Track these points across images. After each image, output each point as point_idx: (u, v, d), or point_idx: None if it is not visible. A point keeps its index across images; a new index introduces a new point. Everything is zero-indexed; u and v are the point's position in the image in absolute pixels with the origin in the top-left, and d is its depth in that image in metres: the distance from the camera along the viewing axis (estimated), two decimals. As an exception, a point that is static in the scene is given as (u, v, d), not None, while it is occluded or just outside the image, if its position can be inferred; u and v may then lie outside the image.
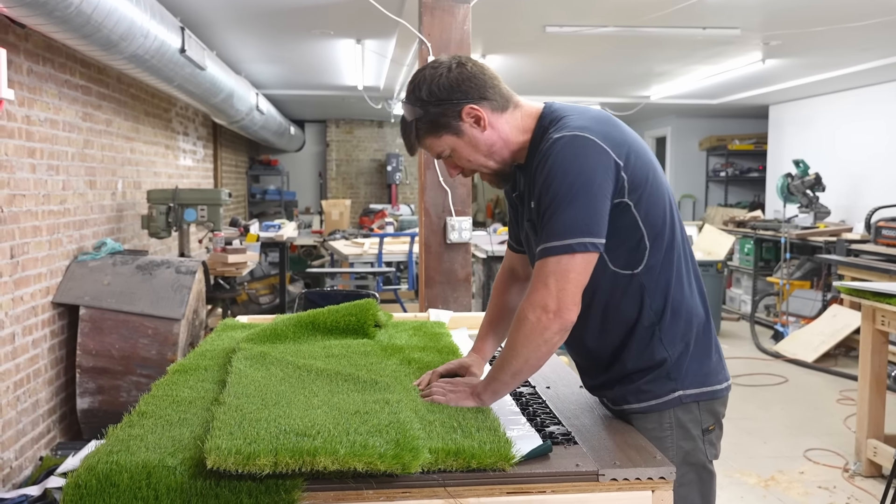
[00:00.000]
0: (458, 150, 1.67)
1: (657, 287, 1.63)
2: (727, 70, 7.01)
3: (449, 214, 3.52)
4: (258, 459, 1.25)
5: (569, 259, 1.51)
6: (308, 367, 1.84)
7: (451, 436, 1.43)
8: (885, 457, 3.73)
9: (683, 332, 1.65)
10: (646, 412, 1.65)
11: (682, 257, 1.68)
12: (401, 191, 12.77)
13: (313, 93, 8.87)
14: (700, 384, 1.67)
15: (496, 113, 1.65)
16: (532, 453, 1.41)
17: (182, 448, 1.38)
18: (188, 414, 1.59)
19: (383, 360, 1.98)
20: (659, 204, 1.62)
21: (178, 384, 1.80)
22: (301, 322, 2.24)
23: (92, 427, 4.01)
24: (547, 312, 1.51)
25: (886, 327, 3.70)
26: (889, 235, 6.14)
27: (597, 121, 1.60)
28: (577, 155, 1.52)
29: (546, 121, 1.65)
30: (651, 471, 1.40)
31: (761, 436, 4.59)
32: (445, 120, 1.62)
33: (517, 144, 1.68)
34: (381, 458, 1.29)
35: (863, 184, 7.87)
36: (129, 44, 3.41)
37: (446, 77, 1.61)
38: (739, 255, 8.67)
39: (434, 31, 3.45)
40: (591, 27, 5.16)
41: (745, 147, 10.56)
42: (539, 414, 1.69)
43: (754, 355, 6.71)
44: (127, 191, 5.19)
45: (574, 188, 1.50)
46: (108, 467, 1.29)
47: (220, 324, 2.56)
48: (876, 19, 4.87)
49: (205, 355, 2.09)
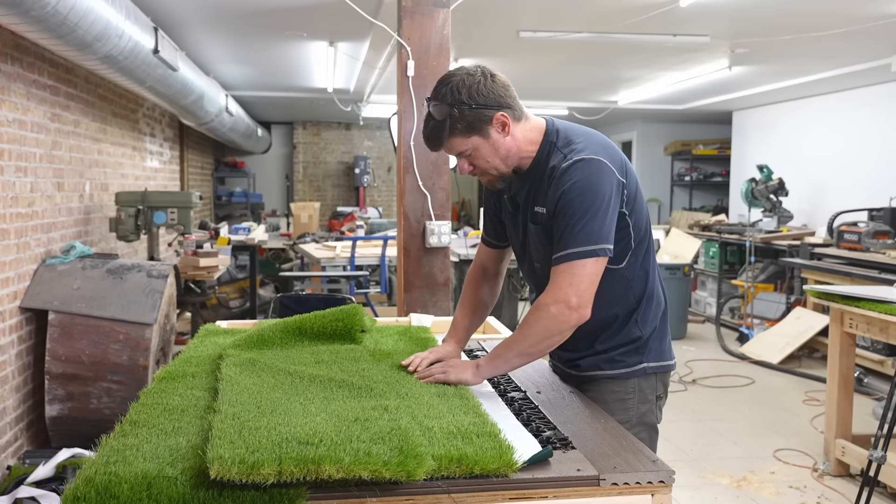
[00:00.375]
0: (480, 151, 1.85)
1: (638, 278, 1.94)
2: (694, 76, 7.12)
3: (428, 218, 3.52)
4: (262, 468, 1.24)
5: (593, 262, 1.77)
6: (299, 374, 1.82)
7: (452, 442, 1.43)
8: (853, 456, 3.81)
9: (654, 315, 1.98)
10: (615, 378, 1.96)
11: (653, 253, 2.01)
12: (368, 193, 12.72)
13: (282, 94, 8.80)
14: (659, 359, 1.99)
15: (515, 122, 1.86)
16: (533, 459, 1.41)
17: (181, 458, 1.36)
18: (182, 422, 1.56)
19: (373, 366, 1.97)
20: (643, 211, 1.94)
21: (167, 392, 1.77)
22: (287, 328, 2.22)
23: (61, 434, 3.92)
24: (569, 308, 1.75)
25: (854, 329, 3.79)
26: (850, 239, 6.29)
27: (602, 146, 1.86)
28: (594, 176, 1.78)
29: (552, 137, 1.89)
30: (651, 475, 1.41)
31: (731, 437, 4.66)
32: (479, 123, 1.81)
33: (526, 153, 1.89)
34: (386, 466, 1.28)
35: (825, 189, 8.05)
36: (104, 44, 3.35)
37: (484, 84, 1.80)
38: (704, 258, 8.81)
39: (414, 34, 3.44)
40: (565, 33, 5.20)
41: (708, 152, 10.74)
42: (533, 419, 1.70)
43: (720, 357, 6.81)
44: (94, 193, 5.09)
45: (595, 205, 1.76)
46: (107, 478, 1.26)
47: (201, 329, 2.53)
48: (837, 29, 4.99)
49: (190, 362, 2.05)
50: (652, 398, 1.98)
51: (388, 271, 6.54)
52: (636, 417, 1.96)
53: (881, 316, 3.47)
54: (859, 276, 5.46)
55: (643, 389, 1.97)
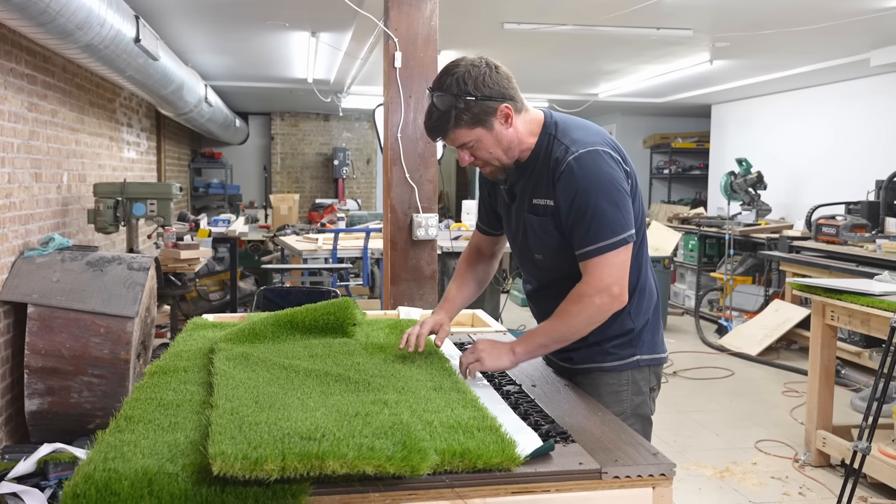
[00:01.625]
0: (483, 143, 1.85)
1: (632, 270, 1.90)
2: (675, 70, 7.16)
3: (415, 211, 3.51)
4: (266, 464, 1.23)
5: (625, 251, 1.81)
6: (294, 368, 1.81)
7: (454, 436, 1.43)
8: (834, 447, 3.87)
9: (646, 307, 2.00)
10: (609, 371, 1.98)
11: (646, 245, 2.02)
12: (347, 185, 12.65)
13: (261, 85, 8.72)
14: (652, 351, 2.01)
15: (517, 114, 1.87)
16: (536, 452, 1.42)
17: (180, 453, 1.35)
18: (178, 417, 1.55)
19: (368, 360, 1.96)
20: (639, 202, 1.96)
21: (160, 386, 1.75)
22: (279, 321, 2.20)
23: (41, 430, 3.87)
24: (612, 297, 1.79)
25: (836, 322, 3.84)
26: (829, 233, 6.37)
27: (603, 137, 1.89)
28: (606, 167, 1.81)
29: (551, 129, 1.90)
30: (652, 468, 1.42)
31: (713, 428, 4.71)
32: (484, 115, 1.81)
33: (526, 145, 1.91)
34: (390, 461, 1.28)
35: (802, 182, 8.15)
36: (86, 33, 3.30)
37: (489, 75, 1.80)
38: (683, 251, 8.87)
39: (401, 25, 3.42)
40: (550, 25, 5.20)
41: (687, 145, 10.82)
42: (531, 413, 1.70)
43: (700, 349, 6.88)
44: (72, 184, 5.02)
45: (611, 195, 1.79)
46: (107, 475, 1.25)
47: (189, 323, 2.50)
48: (817, 24, 5.04)
49: (181, 356, 2.03)
50: (646, 390, 2.01)
51: (370, 264, 6.51)
52: (630, 409, 1.98)
53: (863, 308, 3.52)
54: (837, 269, 5.53)
55: (637, 381, 1.99)
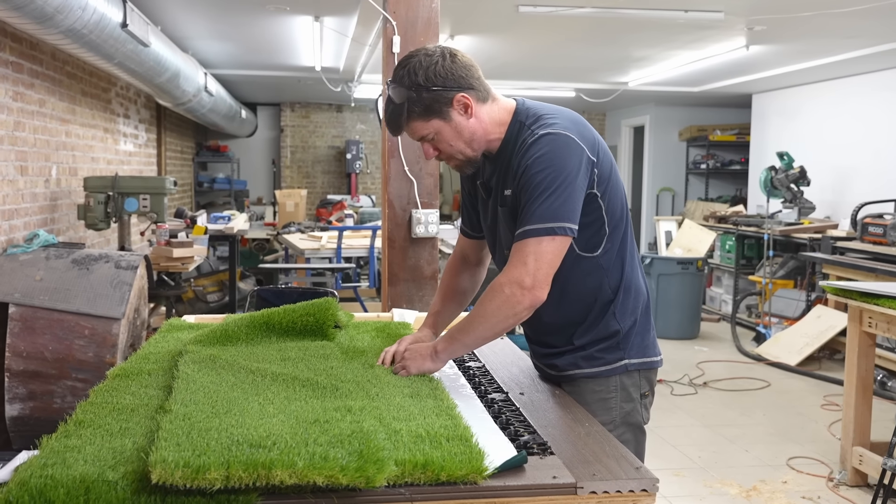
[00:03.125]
0: (442, 135, 1.88)
1: (614, 267, 1.94)
2: (709, 56, 7.09)
3: (415, 207, 3.51)
4: (208, 473, 1.23)
5: (549, 241, 1.77)
6: (262, 372, 1.82)
7: (418, 446, 1.42)
8: (871, 465, 3.80)
9: (633, 307, 1.98)
10: (595, 377, 1.96)
11: (631, 241, 2.01)
12: (361, 180, 12.70)
13: (267, 73, 8.78)
14: (642, 355, 1.99)
15: (479, 103, 1.89)
16: (506, 465, 1.40)
17: (124, 461, 1.35)
18: (130, 423, 1.55)
19: (344, 364, 1.96)
20: (618, 195, 1.94)
21: (119, 390, 1.76)
22: (254, 322, 2.21)
23: (22, 436, 3.92)
24: (522, 289, 1.77)
25: (874, 329, 3.77)
26: (876, 233, 6.27)
27: (573, 121, 1.88)
28: (560, 151, 1.80)
29: (521, 116, 1.91)
30: (633, 483, 1.40)
31: (743, 443, 4.65)
32: (438, 105, 1.84)
33: (493, 135, 1.92)
34: (343, 472, 1.27)
35: (849, 178, 8.03)
36: (66, 17, 3.34)
37: (442, 65, 1.83)
38: (720, 252, 8.78)
39: (400, 8, 3.42)
40: (568, 7, 5.17)
41: (726, 138, 10.70)
42: (512, 422, 1.69)
43: (735, 358, 6.81)
44: (62, 178, 5.08)
45: (557, 180, 1.77)
46: (42, 482, 1.26)
47: (164, 324, 2.52)
48: (861, 6, 4.95)
49: (148, 358, 2.05)
50: (636, 396, 1.98)
51: (377, 264, 6.52)
52: (620, 417, 1.96)
53: (902, 314, 3.45)
54: (884, 272, 5.44)
55: (626, 387, 1.97)
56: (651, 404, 2.05)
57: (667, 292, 7.56)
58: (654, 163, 11.40)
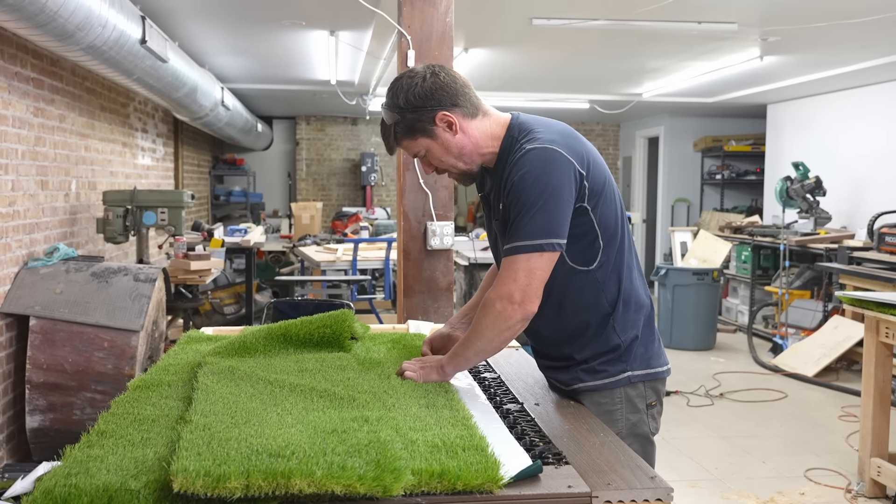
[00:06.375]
0: (432, 152, 1.96)
1: (611, 281, 1.96)
2: (723, 67, 7.09)
3: (430, 219, 3.53)
4: (228, 482, 1.26)
5: (538, 257, 1.81)
6: (280, 383, 1.84)
7: (435, 456, 1.44)
8: (889, 476, 3.78)
9: (633, 320, 1.99)
10: (599, 389, 1.98)
11: (630, 253, 2.01)
12: (376, 193, 12.75)
13: (282, 87, 8.85)
14: (646, 366, 2.00)
15: (467, 119, 1.94)
16: (521, 474, 1.42)
17: (146, 470, 1.38)
18: (151, 433, 1.58)
19: (360, 376, 1.98)
20: (612, 208, 1.95)
21: (139, 401, 1.79)
22: (271, 334, 2.24)
23: (42, 447, 3.96)
24: (512, 303, 1.82)
25: (891, 340, 3.76)
26: (892, 243, 6.24)
27: (562, 135, 1.91)
28: (547, 165, 1.83)
29: (515, 131, 1.94)
30: (647, 492, 1.41)
31: (760, 454, 4.63)
32: (420, 125, 1.91)
33: (487, 149, 1.97)
34: (361, 481, 1.29)
35: (865, 188, 7.99)
36: (87, 34, 3.39)
37: (421, 86, 1.89)
38: (736, 262, 8.76)
39: (414, 22, 3.46)
40: (581, 20, 5.20)
41: (741, 148, 10.67)
42: (528, 432, 1.70)
43: (752, 369, 6.77)
44: (81, 192, 5.15)
45: (544, 195, 1.81)
46: (66, 491, 1.28)
47: (183, 336, 2.55)
48: (875, 16, 4.95)
49: (168, 370, 2.08)
50: (642, 407, 2.00)
51: (392, 276, 6.55)
52: (626, 429, 1.97)
53: (919, 325, 3.44)
54: (901, 283, 5.41)
55: (631, 399, 1.98)
56: (660, 413, 2.06)
57: (682, 303, 7.54)
58: (669, 173, 11.38)
